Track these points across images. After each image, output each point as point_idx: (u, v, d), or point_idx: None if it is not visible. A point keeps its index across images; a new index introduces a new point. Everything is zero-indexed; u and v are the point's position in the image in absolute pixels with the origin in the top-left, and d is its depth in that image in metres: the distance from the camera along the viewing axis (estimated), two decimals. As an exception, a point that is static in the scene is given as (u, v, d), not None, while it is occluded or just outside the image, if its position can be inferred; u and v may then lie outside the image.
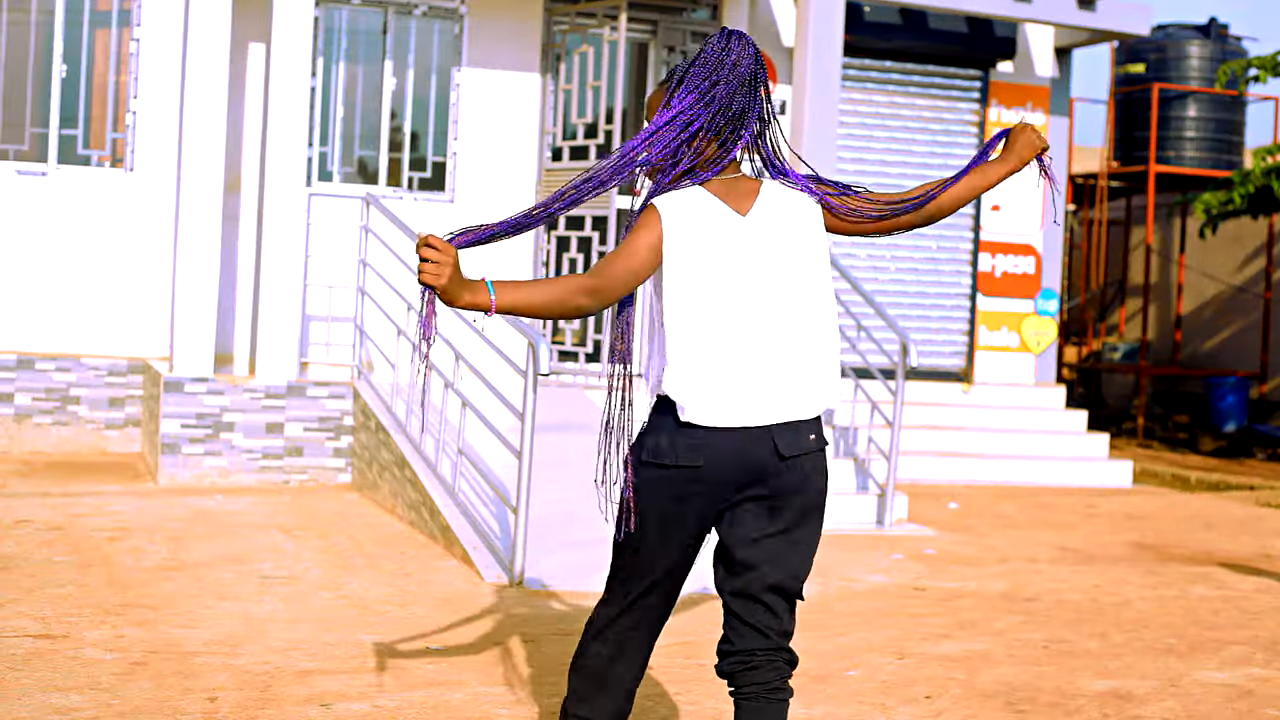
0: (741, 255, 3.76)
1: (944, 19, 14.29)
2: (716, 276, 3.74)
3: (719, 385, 3.74)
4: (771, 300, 3.77)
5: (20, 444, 11.47)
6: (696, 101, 3.76)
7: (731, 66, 3.77)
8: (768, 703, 3.83)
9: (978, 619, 7.52)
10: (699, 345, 3.74)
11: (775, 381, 3.77)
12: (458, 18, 12.82)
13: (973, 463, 12.99)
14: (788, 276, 3.79)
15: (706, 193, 3.80)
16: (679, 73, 3.84)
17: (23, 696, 5.23)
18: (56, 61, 11.88)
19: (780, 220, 3.81)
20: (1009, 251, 14.97)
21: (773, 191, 3.85)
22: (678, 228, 3.75)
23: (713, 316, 3.74)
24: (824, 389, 3.84)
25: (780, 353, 3.77)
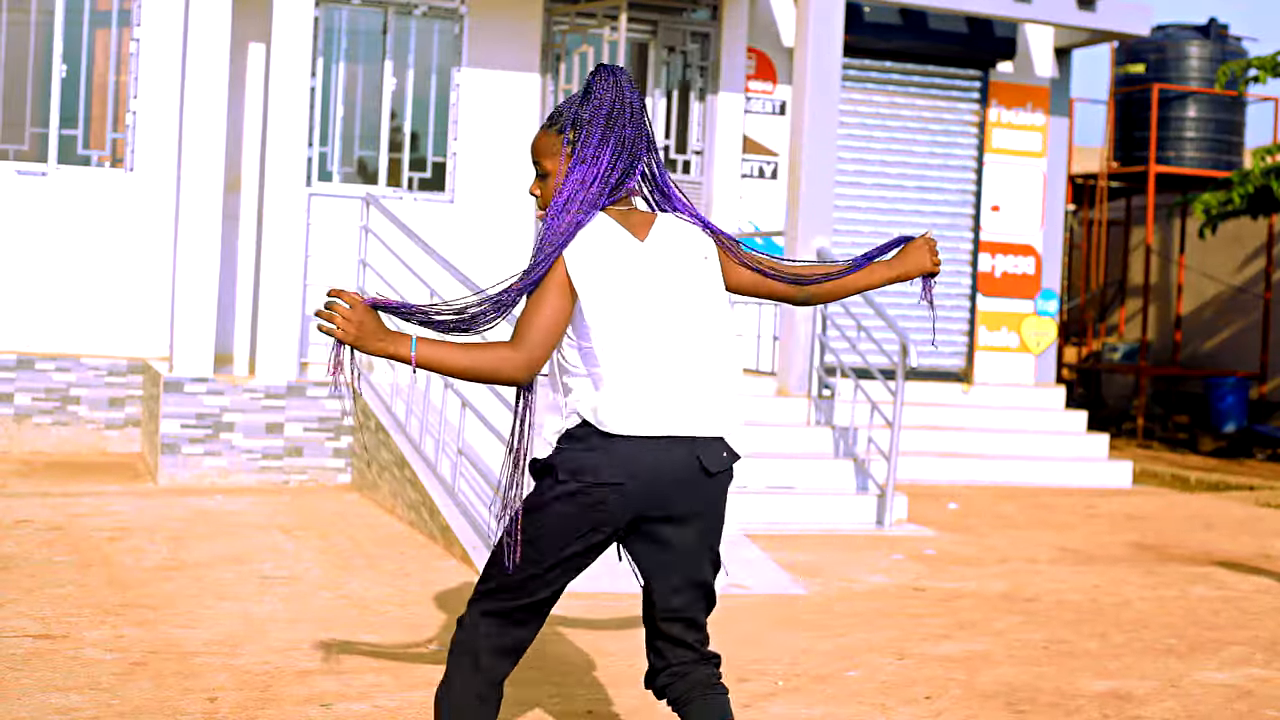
0: (645, 278, 3.80)
1: (944, 19, 14.29)
2: (627, 296, 3.76)
3: (645, 397, 3.75)
4: (678, 322, 3.80)
5: (20, 444, 11.47)
6: (614, 152, 3.83)
7: (626, 104, 3.84)
8: (711, 696, 3.88)
9: (978, 619, 7.52)
10: (623, 361, 3.75)
11: (694, 396, 3.79)
12: (458, 18, 12.82)
13: (973, 463, 12.99)
14: (690, 301, 3.83)
15: (607, 218, 3.84)
16: (570, 118, 3.86)
17: (23, 696, 5.23)
18: (56, 61, 11.88)
19: (677, 248, 3.87)
20: (1009, 252, 14.97)
21: (667, 222, 3.91)
22: (582, 256, 3.76)
23: (631, 333, 3.75)
24: (733, 413, 3.87)
25: (693, 371, 3.80)
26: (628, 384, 3.73)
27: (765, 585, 8.07)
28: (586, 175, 3.81)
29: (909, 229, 14.59)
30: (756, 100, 13.81)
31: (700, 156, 13.46)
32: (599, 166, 3.82)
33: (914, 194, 14.66)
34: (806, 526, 10.12)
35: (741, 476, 10.43)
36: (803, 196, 11.93)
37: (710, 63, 13.45)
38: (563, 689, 5.77)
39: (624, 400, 3.73)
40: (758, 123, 13.82)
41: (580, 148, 3.82)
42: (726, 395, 3.86)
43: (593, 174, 3.81)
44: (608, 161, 3.83)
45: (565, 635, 6.69)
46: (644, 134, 3.89)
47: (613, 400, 3.73)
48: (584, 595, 7.54)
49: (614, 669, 6.14)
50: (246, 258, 12.04)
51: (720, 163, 13.51)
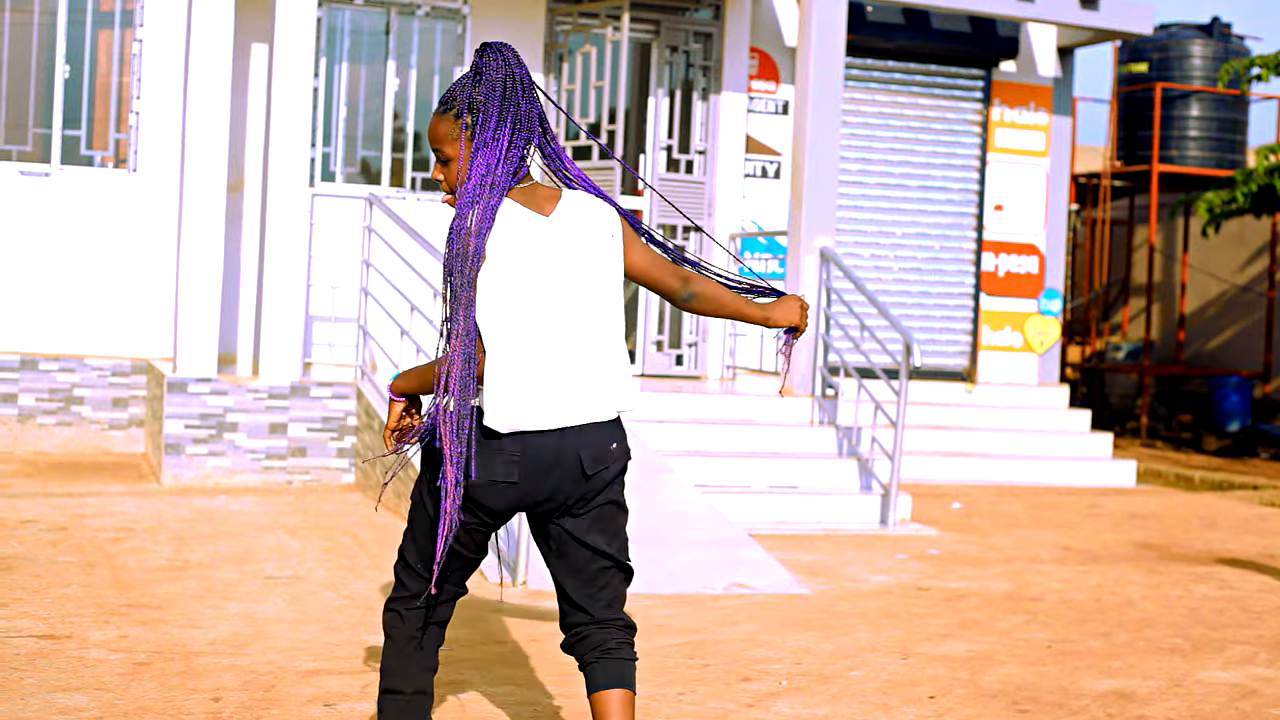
0: (546, 254, 3.87)
1: (947, 18, 14.30)
2: (523, 278, 3.83)
3: (526, 389, 3.82)
4: (573, 300, 3.88)
5: (24, 444, 11.48)
6: (512, 130, 3.88)
7: (518, 81, 3.90)
8: (606, 660, 3.99)
9: (981, 619, 7.52)
10: (507, 354, 3.82)
11: (576, 381, 3.86)
12: (460, 18, 12.82)
13: (976, 462, 12.99)
14: (588, 276, 3.91)
15: (510, 201, 3.89)
16: (466, 102, 3.90)
17: (27, 697, 5.24)
18: (59, 62, 11.88)
19: (581, 223, 3.94)
20: (1012, 251, 14.97)
21: (574, 199, 3.97)
22: (491, 241, 3.83)
23: (519, 321, 3.82)
24: (621, 390, 3.96)
25: (580, 353, 3.88)
26: (508, 384, 3.82)
27: (769, 585, 8.08)
28: (490, 158, 3.86)
29: (912, 228, 14.61)
30: (759, 100, 13.81)
31: (703, 156, 13.46)
32: (499, 147, 3.87)
33: (917, 193, 14.66)
34: (810, 526, 10.12)
35: (745, 476, 10.44)
36: (806, 196, 11.93)
37: (713, 62, 13.45)
38: (566, 688, 5.76)
39: (503, 401, 3.81)
40: (760, 122, 13.82)
41: (480, 131, 3.87)
42: (615, 376, 3.94)
43: (495, 156, 3.86)
44: (507, 141, 3.88)
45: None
46: (536, 108, 3.94)
47: (494, 399, 3.82)
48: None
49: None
50: (250, 258, 12.05)
51: (723, 162, 13.51)
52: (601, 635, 4.02)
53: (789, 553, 9.01)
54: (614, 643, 4.01)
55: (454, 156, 3.92)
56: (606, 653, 4.00)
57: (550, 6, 13.04)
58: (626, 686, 3.98)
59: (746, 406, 11.44)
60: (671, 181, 13.14)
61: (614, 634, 4.02)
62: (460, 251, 3.79)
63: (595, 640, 4.01)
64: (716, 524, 9.02)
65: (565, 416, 3.86)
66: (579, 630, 4.04)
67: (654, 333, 13.15)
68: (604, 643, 4.01)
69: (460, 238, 3.79)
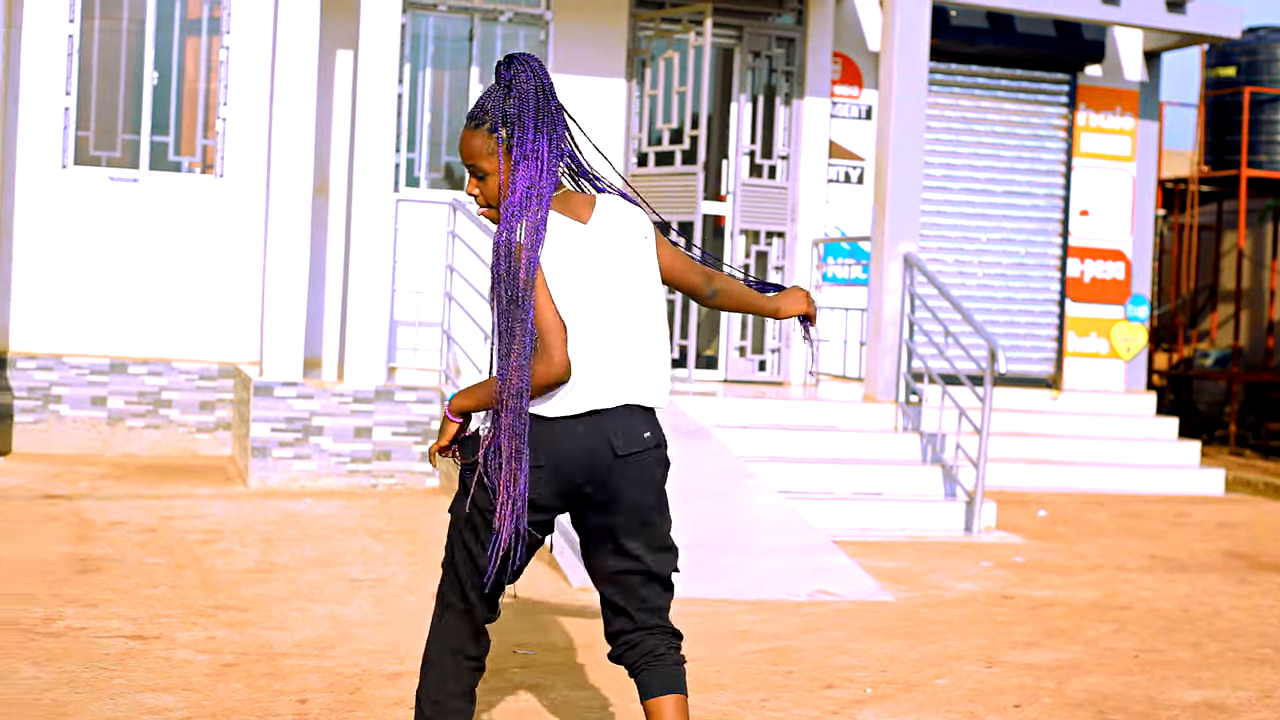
0: (587, 260, 3.90)
1: (1031, 23, 14.19)
2: (570, 284, 3.85)
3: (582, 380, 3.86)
4: (618, 305, 3.92)
5: (113, 447, 11.61)
6: (549, 140, 3.92)
7: (546, 90, 3.95)
8: (658, 666, 4.00)
9: (1067, 627, 7.45)
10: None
11: (626, 372, 3.91)
12: (543, 24, 12.86)
13: (1062, 470, 12.88)
14: (630, 281, 3.95)
15: (552, 212, 3.92)
16: (499, 115, 3.92)
17: (116, 697, 5.29)
18: (148, 69, 12.01)
19: (619, 229, 3.98)
20: (1098, 257, 14.84)
21: (608, 203, 4.01)
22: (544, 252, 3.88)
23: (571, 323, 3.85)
24: (661, 385, 4.01)
25: (626, 350, 3.92)
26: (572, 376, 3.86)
27: (853, 592, 8.04)
28: (532, 170, 3.89)
29: (997, 234, 14.51)
30: (842, 105, 13.77)
31: (786, 161, 13.43)
32: (540, 159, 3.90)
33: (1001, 199, 14.56)
34: (894, 533, 10.07)
35: (828, 482, 10.40)
36: (889, 201, 11.88)
37: (795, 68, 13.42)
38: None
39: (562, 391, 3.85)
40: (843, 127, 13.78)
41: (518, 144, 3.90)
42: (655, 375, 3.98)
43: (538, 168, 3.90)
44: (546, 151, 3.92)
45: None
46: (563, 115, 4.00)
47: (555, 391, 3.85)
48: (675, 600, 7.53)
49: (699, 673, 6.13)
50: (335, 263, 12.13)
51: (806, 168, 13.47)
52: (651, 641, 4.02)
53: (873, 560, 8.97)
54: (663, 648, 4.01)
55: (491, 171, 3.94)
56: (658, 659, 4.00)
57: (633, 12, 13.06)
58: (680, 691, 3.99)
59: (830, 412, 11.39)
60: (754, 187, 13.11)
61: (661, 639, 4.03)
62: (513, 267, 3.81)
63: (645, 647, 4.01)
64: (800, 530, 9.00)
65: (604, 399, 3.89)
66: (626, 638, 4.04)
67: (737, 339, 13.12)
68: (654, 649, 4.01)
69: (512, 253, 3.81)
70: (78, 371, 11.63)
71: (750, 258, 13.12)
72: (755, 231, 13.13)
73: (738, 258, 13.04)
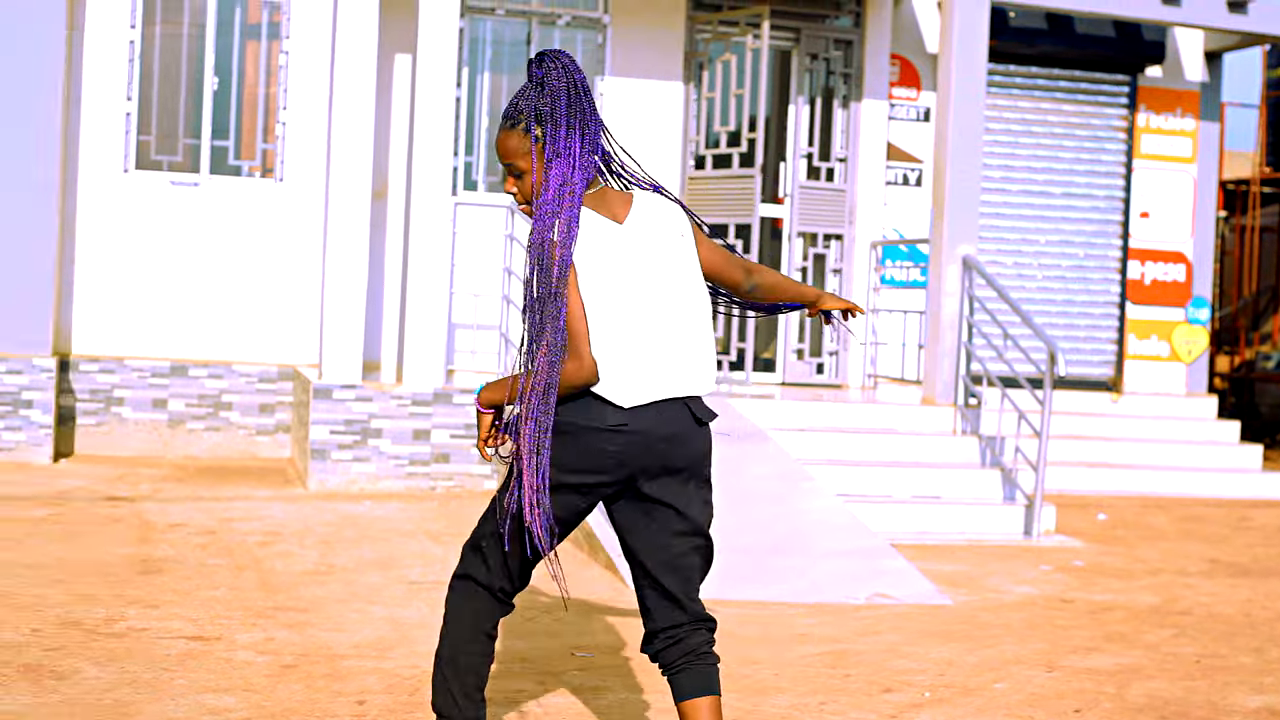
0: (626, 259, 3.94)
1: (1091, 23, 14.11)
2: (609, 282, 3.90)
3: (631, 379, 3.91)
4: (659, 301, 3.96)
5: (174, 449, 11.70)
6: (581, 136, 3.96)
7: (579, 87, 3.97)
8: (701, 666, 4.04)
9: (1127, 632, 7.40)
10: (608, 347, 3.89)
11: (676, 366, 3.97)
12: (601, 27, 12.88)
13: (1122, 473, 12.80)
14: (669, 278, 3.99)
15: (586, 210, 3.96)
16: (533, 114, 3.96)
17: (177, 697, 5.33)
18: (208, 73, 12.10)
19: (656, 226, 4.02)
20: (1159, 259, 14.74)
21: (645, 200, 4.05)
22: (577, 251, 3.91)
23: (613, 320, 3.90)
24: (708, 374, 4.06)
25: (674, 345, 3.97)
26: (614, 371, 3.89)
27: (911, 595, 8.01)
28: (565, 167, 3.93)
29: (1055, 236, 14.44)
30: (900, 107, 13.73)
31: (844, 164, 13.40)
32: (572, 156, 3.94)
33: (1060, 200, 14.48)
34: (952, 536, 10.03)
35: (886, 485, 10.37)
36: (948, 204, 11.83)
37: (853, 70, 13.39)
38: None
39: (610, 386, 3.89)
40: (902, 129, 13.74)
41: (551, 141, 3.94)
42: (702, 365, 4.03)
43: (570, 165, 3.93)
44: (579, 148, 3.95)
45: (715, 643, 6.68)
46: (596, 110, 4.02)
47: (603, 388, 3.89)
48: (733, 603, 7.54)
49: (757, 676, 6.12)
50: (393, 266, 12.19)
51: (864, 170, 13.44)
52: (696, 639, 4.05)
53: (931, 563, 8.94)
54: (705, 646, 4.06)
55: (527, 169, 3.99)
56: (700, 658, 4.04)
57: (690, 15, 13.06)
58: (715, 692, 4.04)
59: (888, 415, 11.36)
60: (812, 189, 13.09)
61: (705, 636, 4.07)
62: (546, 264, 3.85)
63: (690, 644, 4.04)
64: (858, 533, 8.97)
65: (670, 389, 3.95)
66: (672, 633, 4.06)
67: (794, 341, 13.11)
68: (697, 646, 4.04)
69: (546, 250, 3.86)
70: (139, 374, 11.73)
71: (808, 260, 13.10)
72: (813, 234, 13.11)
73: (795, 260, 13.02)
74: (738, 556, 8.29)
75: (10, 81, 11.12)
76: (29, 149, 11.18)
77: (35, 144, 11.19)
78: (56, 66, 11.25)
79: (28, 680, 5.43)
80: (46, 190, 11.22)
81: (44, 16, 11.18)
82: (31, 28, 11.15)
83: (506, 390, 4.00)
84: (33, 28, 11.15)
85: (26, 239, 11.19)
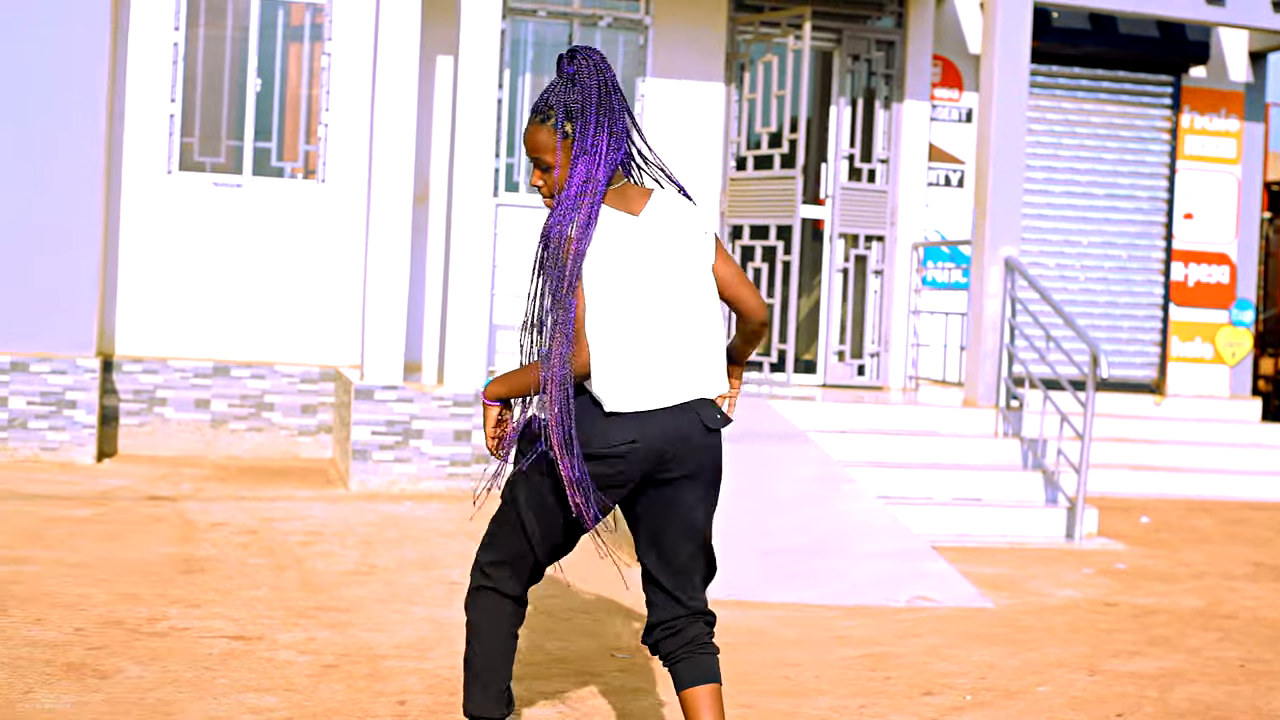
0: (637, 252, 3.99)
1: (1134, 24, 14.04)
2: (616, 277, 3.95)
3: (633, 380, 3.94)
4: (667, 298, 3.99)
5: (216, 449, 11.75)
6: (609, 134, 4.01)
7: (609, 84, 4.02)
8: (699, 655, 4.08)
9: (1171, 636, 7.36)
10: (612, 347, 3.93)
11: (681, 368, 3.99)
12: (642, 29, 12.88)
13: (1165, 476, 12.72)
14: (679, 271, 4.03)
15: (604, 205, 4.02)
16: (563, 110, 3.99)
17: (219, 696, 5.35)
18: (251, 75, 12.15)
19: (671, 222, 4.07)
20: (1202, 260, 14.66)
21: (664, 198, 4.11)
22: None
23: (620, 319, 3.94)
24: (718, 374, 4.08)
25: (680, 346, 4.00)
26: (617, 371, 3.93)
27: (952, 598, 7.99)
28: (589, 164, 3.98)
29: (1098, 237, 14.37)
30: (942, 108, 13.69)
31: (885, 165, 13.37)
32: (598, 153, 3.99)
33: (1103, 201, 14.42)
34: (994, 539, 9.99)
35: (927, 487, 10.34)
36: (990, 205, 11.79)
37: (895, 70, 13.36)
38: (749, 698, 5.75)
39: (615, 386, 3.93)
40: (944, 130, 13.70)
41: (579, 138, 3.99)
42: (712, 364, 4.05)
43: (595, 161, 3.99)
44: (605, 145, 4.00)
45: (753, 645, 6.68)
46: (626, 107, 4.05)
47: (606, 386, 3.93)
48: (773, 605, 7.53)
49: (801, 679, 6.11)
50: (435, 267, 12.21)
51: (905, 171, 13.41)
52: (694, 629, 4.10)
53: (972, 566, 8.91)
54: (705, 637, 4.11)
55: (554, 165, 4.04)
56: (700, 647, 4.09)
57: (732, 16, 13.05)
58: (716, 680, 4.08)
59: (929, 417, 11.33)
60: (853, 190, 13.06)
61: (703, 628, 4.12)
62: (560, 257, 3.91)
63: (687, 635, 4.09)
64: (899, 535, 8.95)
65: (669, 397, 3.97)
66: (670, 625, 4.11)
67: (835, 343, 13.09)
68: (696, 637, 4.09)
69: (562, 244, 3.91)
70: (182, 374, 11.79)
71: (849, 261, 13.08)
72: (854, 235, 13.09)
73: (837, 261, 13.01)
74: (778, 558, 8.28)
75: (55, 84, 11.19)
76: (73, 151, 11.24)
77: (80, 146, 11.26)
78: (101, 69, 11.31)
79: (71, 679, 5.47)
80: (91, 192, 11.29)
81: (88, 19, 11.25)
82: (76, 30, 11.22)
83: (511, 385, 4.06)
84: (77, 30, 11.22)
85: (71, 240, 11.26)
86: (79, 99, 11.26)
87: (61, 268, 11.24)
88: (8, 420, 11.01)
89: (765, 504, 9.02)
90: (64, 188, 11.22)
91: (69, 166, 11.24)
